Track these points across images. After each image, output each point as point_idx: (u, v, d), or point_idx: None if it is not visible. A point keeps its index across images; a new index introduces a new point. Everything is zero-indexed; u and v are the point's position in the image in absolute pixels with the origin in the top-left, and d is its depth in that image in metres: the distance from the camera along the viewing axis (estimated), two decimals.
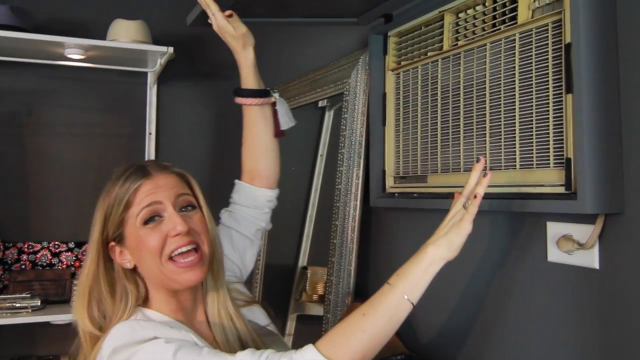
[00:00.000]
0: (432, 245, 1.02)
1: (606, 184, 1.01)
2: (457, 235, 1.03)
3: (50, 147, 2.43)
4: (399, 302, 0.97)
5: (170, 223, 1.09)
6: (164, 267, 1.08)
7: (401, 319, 0.98)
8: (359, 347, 0.93)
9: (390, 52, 1.61)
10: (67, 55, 2.19)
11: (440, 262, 1.02)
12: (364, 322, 0.95)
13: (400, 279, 0.99)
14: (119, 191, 1.10)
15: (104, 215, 1.11)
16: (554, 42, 1.10)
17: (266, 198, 1.40)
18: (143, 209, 1.09)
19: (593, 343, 1.08)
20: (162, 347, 0.96)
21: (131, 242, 1.10)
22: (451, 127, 1.36)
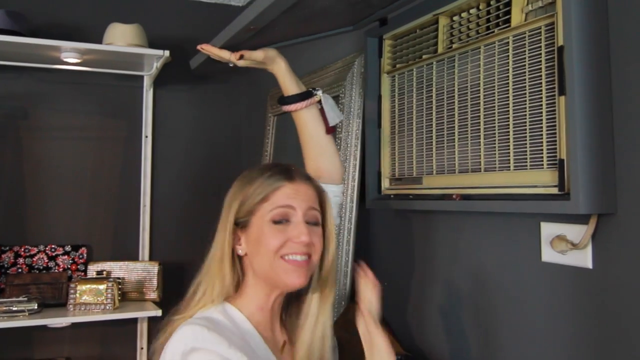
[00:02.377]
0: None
1: (599, 185, 1.03)
2: (380, 343, 1.12)
3: (47, 151, 2.43)
4: None
5: (296, 230, 1.14)
6: (274, 262, 1.13)
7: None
8: None
9: (385, 55, 1.63)
10: (63, 59, 2.19)
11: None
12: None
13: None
14: (261, 183, 1.16)
15: (241, 199, 1.16)
16: (547, 45, 1.11)
17: (332, 194, 1.40)
18: (277, 208, 1.14)
19: (587, 342, 1.09)
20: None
21: (253, 233, 1.15)
22: (446, 129, 1.38)
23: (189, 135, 2.70)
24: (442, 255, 1.48)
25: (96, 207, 2.50)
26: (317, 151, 1.42)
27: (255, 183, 1.16)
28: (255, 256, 1.15)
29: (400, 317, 1.61)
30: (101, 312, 2.16)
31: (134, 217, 2.53)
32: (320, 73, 2.00)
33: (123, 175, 2.55)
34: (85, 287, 2.18)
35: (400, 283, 1.63)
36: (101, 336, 2.46)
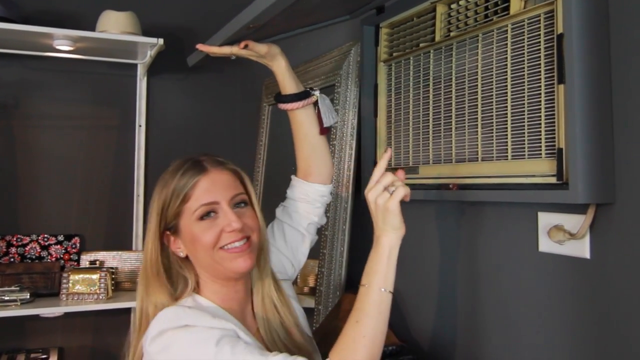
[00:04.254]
0: (382, 236, 1.08)
1: (597, 174, 1.02)
2: (393, 217, 1.08)
3: (39, 140, 2.41)
4: (380, 297, 1.05)
5: (225, 220, 1.14)
6: (216, 255, 1.13)
7: (388, 309, 1.05)
8: (367, 351, 1.00)
9: (382, 44, 1.61)
10: (55, 46, 2.17)
11: (396, 245, 1.09)
12: (361, 328, 1.02)
13: (371, 276, 1.06)
14: (177, 184, 1.14)
15: (161, 206, 1.16)
16: (546, 33, 1.10)
17: (319, 193, 1.41)
18: (201, 206, 1.13)
19: (584, 331, 1.09)
20: (206, 334, 1.02)
21: (186, 234, 1.15)
22: (443, 118, 1.37)
23: (183, 124, 2.68)
24: (438, 246, 1.47)
25: (89, 197, 2.48)
26: (309, 150, 1.41)
27: (170, 186, 1.15)
28: (195, 255, 1.16)
29: (395, 307, 1.61)
30: (94, 301, 2.15)
31: (127, 207, 2.51)
32: (316, 62, 1.99)
33: (116, 165, 2.53)
34: (78, 277, 2.17)
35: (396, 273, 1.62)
36: (94, 326, 2.45)
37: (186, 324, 1.05)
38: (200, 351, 1.01)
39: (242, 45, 1.38)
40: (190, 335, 1.04)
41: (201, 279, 1.19)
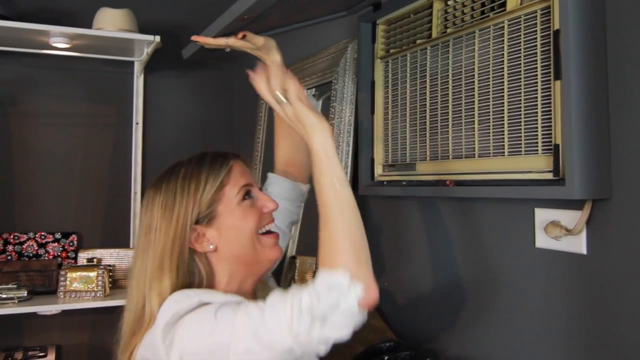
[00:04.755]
0: (311, 142, 1.04)
1: (594, 170, 1.02)
2: (306, 116, 1.04)
3: (36, 137, 2.40)
4: (335, 193, 1.01)
5: (261, 200, 1.15)
6: (258, 241, 1.13)
7: (351, 201, 1.01)
8: (348, 245, 0.97)
9: (378, 40, 1.61)
10: (52, 44, 2.16)
11: (328, 142, 1.03)
12: (331, 228, 0.98)
13: (320, 181, 1.02)
14: (210, 170, 1.11)
15: (191, 197, 1.10)
16: (543, 29, 1.10)
17: (299, 192, 1.41)
18: (242, 187, 1.12)
19: (580, 327, 1.09)
20: (206, 309, 0.99)
21: (224, 221, 1.11)
22: (440, 114, 1.37)
23: (180, 121, 2.68)
24: (435, 242, 1.47)
25: (86, 194, 2.48)
26: (292, 149, 1.41)
27: (202, 174, 1.11)
28: (234, 243, 1.11)
29: (392, 303, 1.61)
30: (92, 299, 2.15)
31: (124, 205, 2.51)
32: (313, 59, 1.98)
33: (113, 162, 2.53)
34: (76, 275, 2.17)
35: (393, 269, 1.63)
36: (92, 323, 2.44)
37: (199, 300, 1.01)
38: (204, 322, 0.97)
39: (240, 36, 1.37)
40: (197, 313, 0.99)
41: (217, 275, 1.12)
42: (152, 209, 1.11)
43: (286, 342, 0.91)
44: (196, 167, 1.13)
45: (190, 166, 1.14)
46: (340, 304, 0.91)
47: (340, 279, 0.92)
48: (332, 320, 0.91)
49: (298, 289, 0.94)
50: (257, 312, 0.94)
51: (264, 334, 0.91)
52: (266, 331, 0.91)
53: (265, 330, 0.92)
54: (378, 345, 1.44)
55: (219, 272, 1.13)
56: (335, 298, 0.91)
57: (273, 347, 0.91)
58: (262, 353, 0.92)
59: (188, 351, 0.95)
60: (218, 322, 0.95)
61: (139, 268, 1.12)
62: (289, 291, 0.95)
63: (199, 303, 1.00)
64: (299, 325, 0.90)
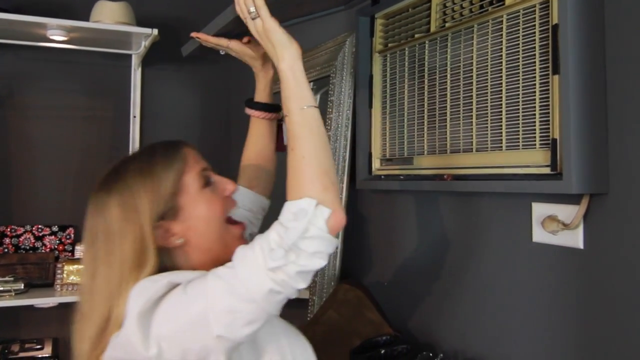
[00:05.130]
0: (279, 62, 1.03)
1: (591, 165, 1.02)
2: (275, 34, 1.05)
3: (33, 130, 2.40)
4: (303, 116, 1.00)
5: (221, 184, 1.09)
6: (227, 230, 1.07)
7: (318, 124, 1.01)
8: (313, 169, 0.95)
9: (377, 34, 1.61)
10: (49, 36, 2.16)
11: (296, 63, 1.03)
12: (297, 152, 0.97)
13: (287, 103, 1.01)
14: (164, 161, 1.04)
15: (151, 192, 1.01)
16: (541, 24, 1.10)
17: (262, 205, 1.39)
18: (199, 172, 1.06)
19: (577, 322, 1.10)
20: (177, 289, 0.92)
21: (190, 211, 1.04)
22: (438, 108, 1.37)
23: (177, 115, 2.67)
24: (433, 236, 1.47)
25: (84, 188, 2.45)
26: (261, 163, 1.40)
27: (157, 166, 1.03)
28: (204, 233, 1.05)
29: (389, 298, 1.61)
30: None
31: None
32: (311, 53, 1.98)
33: (111, 156, 2.52)
34: (73, 268, 2.18)
35: (390, 264, 1.63)
36: None
37: (168, 281, 0.94)
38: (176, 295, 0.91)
39: (245, 40, 1.35)
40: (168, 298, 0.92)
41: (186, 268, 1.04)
42: (105, 213, 1.01)
43: (264, 285, 0.87)
44: (148, 161, 1.05)
45: (141, 161, 1.05)
46: (309, 230, 0.89)
47: (305, 206, 0.90)
48: (304, 248, 0.88)
49: (262, 234, 0.92)
50: (226, 270, 0.91)
51: (239, 287, 0.88)
52: (241, 283, 0.88)
53: (240, 282, 0.88)
54: (375, 338, 1.45)
55: (186, 265, 1.05)
56: (303, 225, 0.89)
57: (253, 297, 0.88)
58: (244, 309, 0.88)
59: (165, 336, 0.89)
60: (189, 295, 0.90)
61: (103, 279, 1.00)
62: (253, 240, 0.92)
63: (169, 284, 0.93)
64: (273, 261, 0.87)
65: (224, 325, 0.88)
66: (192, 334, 0.89)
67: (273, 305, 0.90)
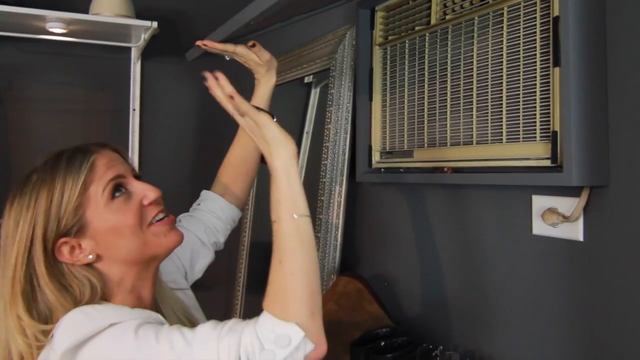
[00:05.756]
0: (273, 160, 0.96)
1: (592, 157, 1.02)
2: (268, 129, 0.97)
3: (32, 123, 2.39)
4: (295, 226, 0.92)
5: (140, 192, 1.01)
6: (147, 233, 0.99)
7: (309, 235, 0.93)
8: (302, 288, 0.88)
9: (377, 27, 1.61)
10: (48, 29, 2.15)
11: (291, 164, 0.96)
12: (286, 267, 0.89)
13: (278, 208, 0.93)
14: (68, 172, 0.95)
15: (44, 210, 0.93)
16: (542, 16, 1.10)
17: (232, 216, 1.35)
18: (108, 183, 0.97)
19: (577, 314, 1.10)
20: (123, 326, 0.87)
21: (98, 227, 0.96)
22: (438, 101, 1.37)
23: (177, 108, 2.67)
24: (432, 229, 1.48)
25: None
26: (241, 172, 1.37)
27: (56, 180, 0.95)
28: (117, 246, 0.97)
29: (389, 290, 1.61)
30: None
31: None
32: (311, 46, 1.98)
33: None
34: None
35: (390, 257, 1.64)
36: None
37: (111, 322, 0.87)
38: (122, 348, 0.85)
39: (250, 44, 1.33)
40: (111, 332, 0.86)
41: (110, 287, 0.99)
42: (6, 226, 0.95)
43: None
44: (50, 172, 0.96)
45: (43, 172, 0.97)
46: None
47: (292, 335, 0.84)
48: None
49: (235, 325, 0.86)
50: (182, 343, 0.84)
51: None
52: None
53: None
54: (374, 331, 1.45)
55: (111, 278, 0.99)
56: (283, 356, 0.83)
57: None
58: None
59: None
60: (135, 344, 0.84)
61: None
62: (224, 325, 0.86)
63: (109, 325, 0.87)
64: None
65: None
66: None
67: None
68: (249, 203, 2.30)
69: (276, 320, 0.85)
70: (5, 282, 0.93)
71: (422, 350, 1.32)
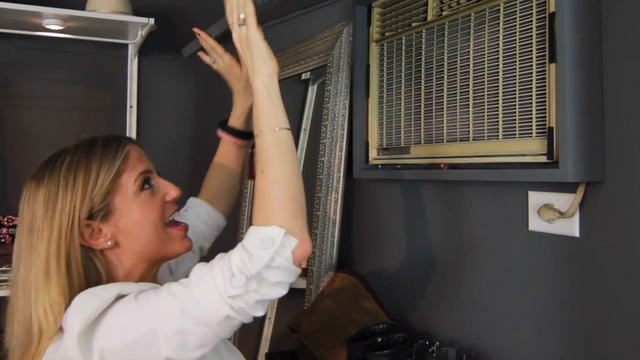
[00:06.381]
0: (255, 79, 1.00)
1: (587, 153, 1.02)
2: (257, 45, 1.01)
3: (29, 120, 2.39)
4: (275, 138, 0.96)
5: (164, 189, 1.05)
6: (165, 233, 1.03)
7: (290, 147, 0.97)
8: (283, 195, 0.92)
9: (374, 23, 1.61)
10: (45, 25, 2.14)
11: (272, 81, 1.00)
12: (268, 176, 0.93)
13: (259, 123, 0.98)
14: (103, 158, 0.98)
15: (79, 190, 0.95)
16: (538, 12, 1.10)
17: (218, 223, 1.37)
18: (139, 175, 1.00)
19: (572, 309, 1.10)
20: (125, 300, 0.89)
21: (124, 214, 0.99)
22: (434, 97, 1.37)
23: (175, 105, 2.67)
24: (429, 225, 1.48)
25: None
26: (227, 185, 1.40)
27: (92, 163, 0.97)
28: (136, 237, 1.00)
29: (386, 287, 1.62)
30: None
31: None
32: (308, 43, 1.98)
33: None
34: None
35: (387, 253, 1.64)
36: None
37: (117, 292, 0.90)
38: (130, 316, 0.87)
39: None
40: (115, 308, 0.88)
41: (118, 272, 1.01)
42: (33, 204, 0.97)
43: (221, 311, 0.84)
44: (85, 155, 0.98)
45: (77, 154, 0.99)
46: (275, 260, 0.86)
47: (273, 234, 0.87)
48: (268, 278, 0.86)
49: (224, 254, 0.88)
50: (181, 288, 0.87)
51: (194, 309, 0.84)
52: (196, 305, 0.85)
53: (194, 304, 0.85)
54: (371, 327, 1.45)
55: (118, 267, 1.01)
56: (270, 254, 0.85)
57: (207, 322, 0.85)
58: (196, 331, 0.85)
59: (110, 351, 0.84)
60: (139, 311, 0.86)
61: (23, 275, 0.97)
62: (213, 260, 0.89)
63: (117, 297, 0.89)
64: (233, 288, 0.84)
65: (174, 346, 0.85)
66: (139, 352, 0.85)
67: (226, 329, 0.88)
68: (246, 200, 2.30)
69: (259, 227, 0.89)
70: (38, 258, 0.94)
71: (419, 346, 1.32)
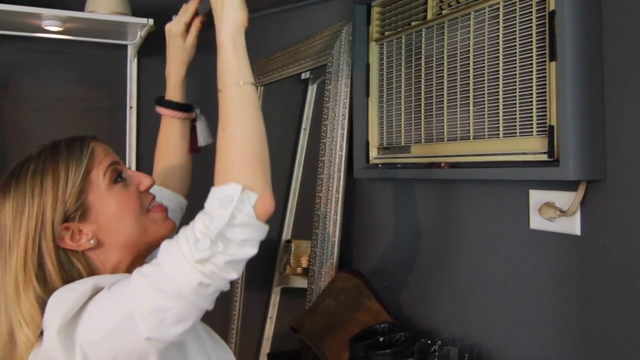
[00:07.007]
0: (221, 32, 0.98)
1: (588, 151, 1.02)
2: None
3: (29, 121, 2.38)
4: (239, 93, 0.95)
5: (136, 179, 1.03)
6: (147, 219, 1.02)
7: (254, 102, 0.95)
8: (243, 152, 0.91)
9: (373, 22, 1.61)
10: (44, 27, 2.14)
11: (238, 35, 0.98)
12: (228, 133, 0.92)
13: (223, 77, 0.96)
14: (68, 159, 0.97)
15: (49, 195, 0.94)
16: (538, 10, 1.10)
17: (179, 204, 1.34)
18: (108, 167, 0.99)
19: (575, 308, 1.10)
20: (100, 293, 0.87)
21: (101, 210, 0.97)
22: (435, 96, 1.37)
23: None
24: (430, 224, 1.48)
25: None
26: (174, 163, 1.36)
27: (59, 165, 0.96)
28: (119, 232, 0.98)
29: (387, 286, 1.62)
30: None
31: None
32: (308, 42, 1.97)
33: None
34: None
35: (388, 252, 1.64)
36: None
37: (93, 282, 0.88)
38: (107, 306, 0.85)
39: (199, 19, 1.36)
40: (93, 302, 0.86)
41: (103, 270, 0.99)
42: (1, 217, 0.95)
43: (193, 279, 0.83)
44: (50, 159, 0.97)
45: (42, 159, 0.98)
46: (236, 217, 0.84)
47: (230, 192, 0.85)
48: (232, 236, 0.84)
49: (187, 225, 0.87)
50: (151, 267, 0.86)
51: (166, 283, 0.83)
52: (167, 279, 0.83)
53: (166, 279, 0.83)
54: (373, 326, 1.45)
55: (103, 265, 0.99)
56: (229, 212, 0.83)
57: (181, 293, 0.83)
58: (172, 306, 0.83)
59: (91, 344, 0.83)
60: (113, 298, 0.85)
61: (1, 287, 0.94)
62: (178, 234, 0.87)
63: (94, 288, 0.87)
64: (199, 252, 0.82)
65: (152, 325, 0.83)
66: (119, 338, 0.83)
67: (203, 299, 0.85)
68: None
69: (217, 187, 0.87)
70: (10, 270, 0.92)
71: (421, 345, 1.32)
